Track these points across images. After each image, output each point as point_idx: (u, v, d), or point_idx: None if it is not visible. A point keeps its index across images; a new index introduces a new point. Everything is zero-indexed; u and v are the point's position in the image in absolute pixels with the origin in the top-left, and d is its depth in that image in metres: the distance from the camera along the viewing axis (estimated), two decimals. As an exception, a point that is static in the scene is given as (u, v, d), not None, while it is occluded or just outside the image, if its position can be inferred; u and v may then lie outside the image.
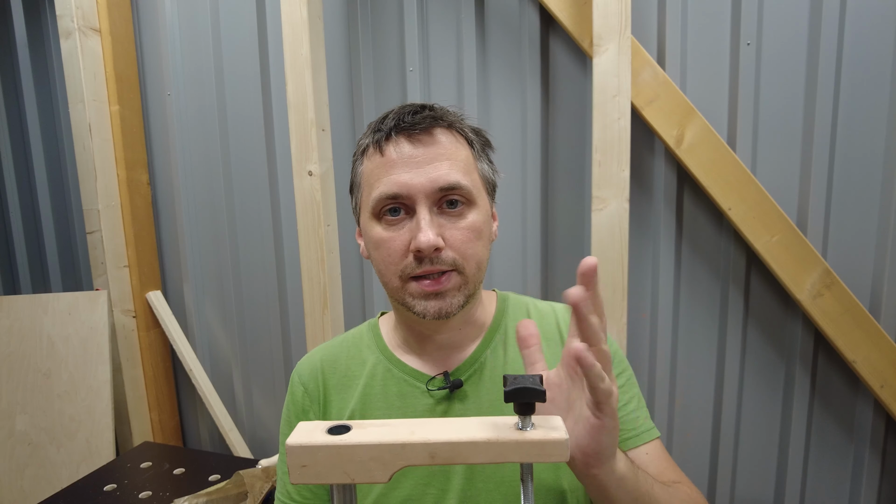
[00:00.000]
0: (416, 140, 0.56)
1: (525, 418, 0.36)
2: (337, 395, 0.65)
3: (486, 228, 0.59)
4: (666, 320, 1.26)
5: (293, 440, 0.34)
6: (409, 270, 0.56)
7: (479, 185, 0.59)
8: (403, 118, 0.57)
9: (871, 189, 1.10)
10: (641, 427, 0.63)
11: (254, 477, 1.16)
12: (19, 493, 1.52)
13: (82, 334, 1.58)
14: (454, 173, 0.55)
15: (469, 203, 0.57)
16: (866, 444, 1.17)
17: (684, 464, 1.30)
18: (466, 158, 0.58)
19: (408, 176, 0.54)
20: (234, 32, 1.51)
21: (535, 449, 0.35)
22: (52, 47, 1.75)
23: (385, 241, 0.57)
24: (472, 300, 0.60)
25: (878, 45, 1.06)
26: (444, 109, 0.60)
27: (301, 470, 0.34)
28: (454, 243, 0.56)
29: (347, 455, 0.34)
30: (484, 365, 0.63)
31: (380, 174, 0.56)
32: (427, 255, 0.54)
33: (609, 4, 1.03)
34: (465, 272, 0.56)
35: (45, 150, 1.81)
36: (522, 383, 0.35)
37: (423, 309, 0.56)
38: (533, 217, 1.32)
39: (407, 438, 0.34)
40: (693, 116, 1.13)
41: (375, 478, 0.34)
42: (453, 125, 0.59)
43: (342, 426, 0.36)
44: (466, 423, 0.37)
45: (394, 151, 0.56)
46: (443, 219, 0.56)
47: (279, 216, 1.56)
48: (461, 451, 0.35)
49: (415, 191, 0.54)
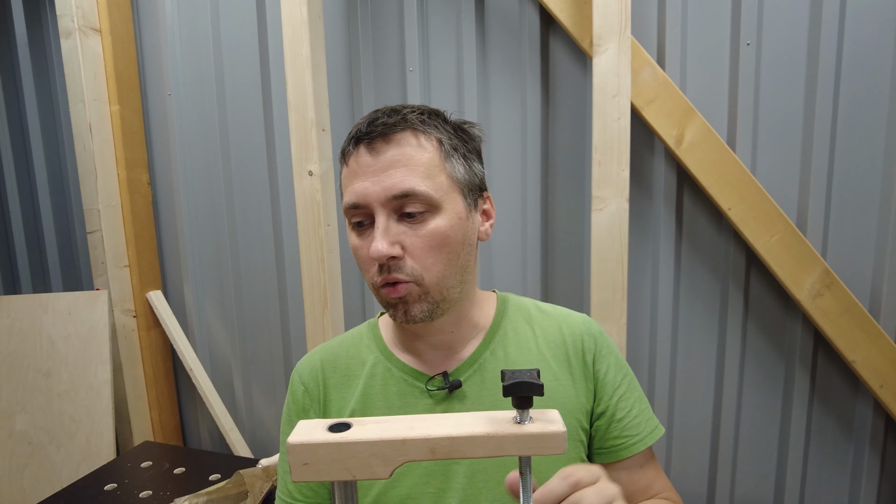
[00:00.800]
0: (373, 148, 0.55)
1: (523, 412, 0.36)
2: (337, 394, 0.65)
3: (456, 233, 0.57)
4: (666, 320, 1.26)
5: (294, 438, 0.34)
6: (374, 279, 0.56)
7: (445, 188, 0.56)
8: (362, 127, 0.56)
9: (871, 189, 1.10)
10: (644, 430, 0.64)
11: (254, 476, 1.16)
12: (19, 493, 1.52)
13: (82, 334, 1.58)
14: (409, 179, 0.54)
15: (432, 209, 0.55)
16: (866, 444, 1.17)
17: (684, 464, 1.31)
18: (429, 161, 0.55)
19: (364, 185, 0.55)
20: (234, 32, 1.51)
21: (533, 441, 0.35)
22: (53, 47, 1.75)
23: (357, 250, 0.58)
24: (445, 306, 0.59)
25: (878, 45, 1.06)
26: (409, 112, 0.57)
27: (303, 468, 0.34)
28: (414, 251, 0.55)
29: (348, 452, 0.34)
30: (483, 366, 0.63)
31: (346, 183, 0.58)
32: (385, 265, 0.55)
33: (609, 4, 1.03)
34: (424, 282, 0.56)
35: (46, 150, 1.81)
36: (520, 377, 0.35)
37: (393, 315, 0.58)
38: (533, 217, 1.32)
39: (406, 434, 0.35)
40: (693, 116, 1.13)
41: (377, 474, 0.35)
42: (416, 127, 0.56)
43: (342, 423, 0.36)
44: (465, 418, 0.37)
45: (354, 161, 0.57)
46: (403, 226, 0.55)
47: (279, 216, 1.56)
48: (460, 446, 0.35)
49: (370, 199, 0.54)
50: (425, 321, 0.58)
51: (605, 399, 0.64)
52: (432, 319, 0.58)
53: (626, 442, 0.63)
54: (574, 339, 0.65)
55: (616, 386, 0.64)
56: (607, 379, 0.64)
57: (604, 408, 0.64)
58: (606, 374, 0.64)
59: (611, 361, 0.65)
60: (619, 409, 0.64)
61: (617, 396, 0.64)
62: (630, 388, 0.65)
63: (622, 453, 0.63)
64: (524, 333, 0.66)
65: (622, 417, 0.63)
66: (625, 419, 0.63)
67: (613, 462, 0.64)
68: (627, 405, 0.64)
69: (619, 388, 0.64)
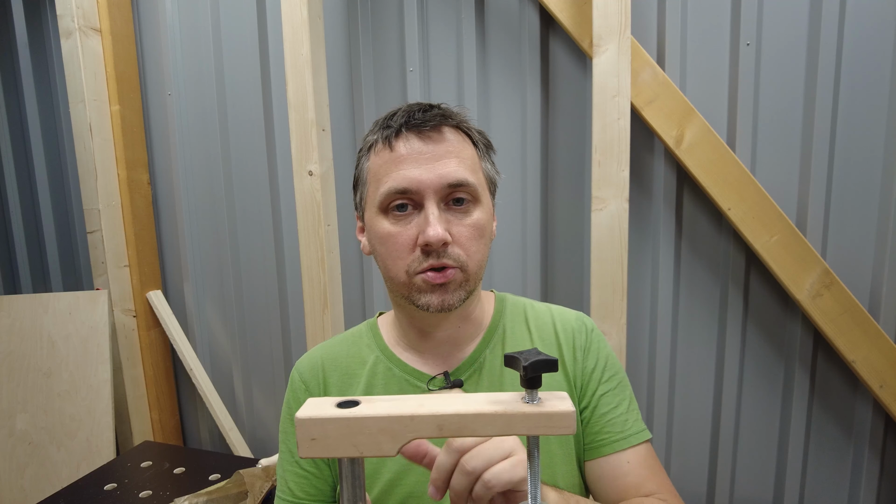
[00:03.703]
0: (426, 137, 0.57)
1: (532, 392, 0.36)
2: (338, 393, 0.66)
3: (489, 227, 0.60)
4: (665, 320, 1.26)
5: (303, 413, 0.34)
6: (415, 265, 0.56)
7: (483, 184, 0.60)
8: (413, 115, 0.58)
9: (871, 189, 1.10)
10: (630, 430, 0.63)
11: (254, 476, 1.16)
12: (19, 493, 1.52)
13: (83, 334, 1.58)
14: (462, 170, 0.56)
15: (475, 201, 0.58)
16: (865, 444, 1.17)
17: (684, 464, 1.31)
18: (472, 157, 0.59)
19: (417, 171, 0.55)
20: (234, 32, 1.52)
21: (542, 421, 0.35)
22: (53, 47, 1.75)
23: (392, 236, 0.57)
24: (472, 296, 0.61)
25: (877, 45, 1.06)
26: (451, 109, 0.61)
27: (310, 443, 0.34)
28: (460, 240, 0.57)
29: (357, 427, 0.34)
30: (483, 365, 0.64)
31: (388, 169, 0.57)
32: (435, 250, 0.55)
33: (609, 4, 1.04)
34: (468, 269, 0.57)
35: (46, 150, 1.81)
36: (534, 356, 0.35)
37: (427, 302, 0.57)
38: (533, 217, 1.32)
39: (415, 411, 0.35)
40: (693, 116, 1.13)
41: (384, 450, 0.35)
42: (460, 125, 0.60)
43: (351, 401, 0.36)
44: (474, 398, 0.37)
45: (403, 147, 0.57)
46: (449, 215, 0.57)
47: (279, 216, 1.56)
48: (469, 424, 0.35)
49: (424, 186, 0.55)
50: (455, 308, 0.58)
51: (590, 393, 0.64)
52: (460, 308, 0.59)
53: (608, 438, 0.62)
54: (566, 334, 0.66)
55: (602, 381, 0.64)
56: (594, 374, 0.65)
57: (587, 401, 0.64)
58: (594, 369, 0.65)
59: (600, 357, 0.66)
60: (602, 403, 0.63)
61: (602, 391, 0.64)
62: (619, 387, 0.65)
63: (604, 449, 0.62)
64: (521, 332, 0.67)
65: (605, 412, 0.63)
66: (608, 414, 0.63)
67: (596, 458, 0.63)
68: (613, 402, 0.64)
69: (605, 383, 0.64)
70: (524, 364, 0.35)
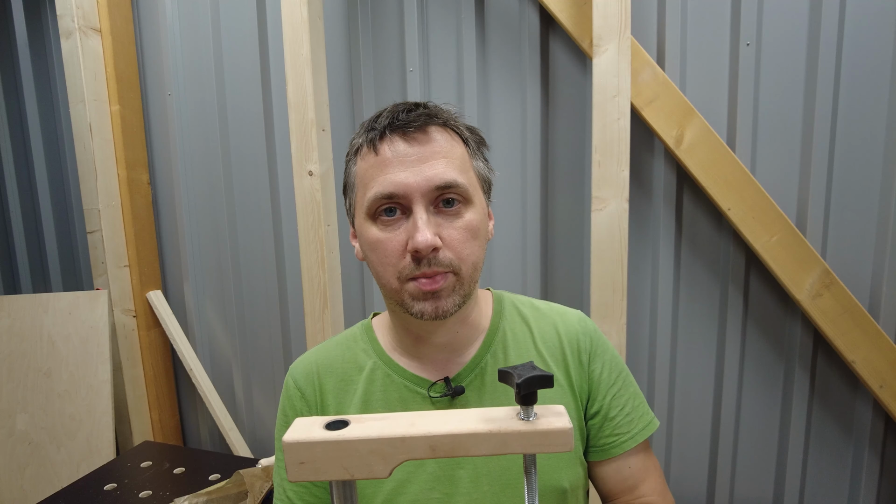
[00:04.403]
0: (411, 138, 0.54)
1: (528, 408, 0.35)
2: (335, 399, 0.64)
3: (483, 227, 0.58)
4: (665, 320, 1.26)
5: (290, 436, 0.33)
6: (407, 272, 0.54)
7: (475, 184, 0.58)
8: (398, 116, 0.55)
9: (871, 189, 1.10)
10: (635, 428, 0.64)
11: (254, 476, 1.16)
12: (19, 493, 1.52)
13: (83, 334, 1.58)
14: (450, 171, 0.54)
15: (466, 202, 0.56)
16: (865, 444, 1.17)
17: (684, 463, 1.31)
18: (462, 156, 0.57)
19: (403, 175, 0.53)
20: (234, 32, 1.52)
21: (538, 439, 0.33)
22: (53, 47, 1.75)
23: (381, 242, 0.55)
24: (468, 300, 0.59)
25: (877, 44, 1.06)
26: (437, 107, 0.59)
27: (299, 467, 0.33)
28: (451, 243, 0.54)
29: (346, 450, 0.33)
30: (485, 370, 0.62)
31: (374, 174, 0.55)
32: (425, 256, 0.53)
33: (609, 5, 1.04)
34: (461, 273, 0.55)
35: (46, 150, 1.81)
36: (529, 372, 0.34)
37: (421, 309, 0.55)
38: (533, 217, 1.32)
39: (406, 431, 0.33)
40: (692, 117, 1.13)
41: (376, 472, 0.33)
42: (448, 123, 0.58)
43: (340, 421, 0.35)
44: (467, 415, 0.36)
45: (388, 150, 0.54)
46: (439, 218, 0.55)
47: (279, 216, 1.56)
48: (462, 443, 0.34)
49: (411, 190, 0.53)
50: (450, 315, 0.56)
51: (600, 398, 0.64)
52: (456, 313, 0.57)
53: (618, 440, 0.63)
54: (570, 338, 0.65)
55: (610, 385, 0.64)
56: (602, 378, 0.64)
57: (598, 407, 0.64)
58: (602, 373, 0.64)
59: (606, 360, 0.65)
60: (613, 407, 0.64)
61: (611, 395, 0.64)
62: (624, 385, 0.65)
63: (613, 451, 0.63)
64: (522, 334, 0.65)
65: (615, 416, 0.63)
66: (617, 418, 0.63)
67: (605, 460, 0.64)
68: (620, 403, 0.64)
69: (612, 386, 0.64)
70: (518, 381, 0.33)
